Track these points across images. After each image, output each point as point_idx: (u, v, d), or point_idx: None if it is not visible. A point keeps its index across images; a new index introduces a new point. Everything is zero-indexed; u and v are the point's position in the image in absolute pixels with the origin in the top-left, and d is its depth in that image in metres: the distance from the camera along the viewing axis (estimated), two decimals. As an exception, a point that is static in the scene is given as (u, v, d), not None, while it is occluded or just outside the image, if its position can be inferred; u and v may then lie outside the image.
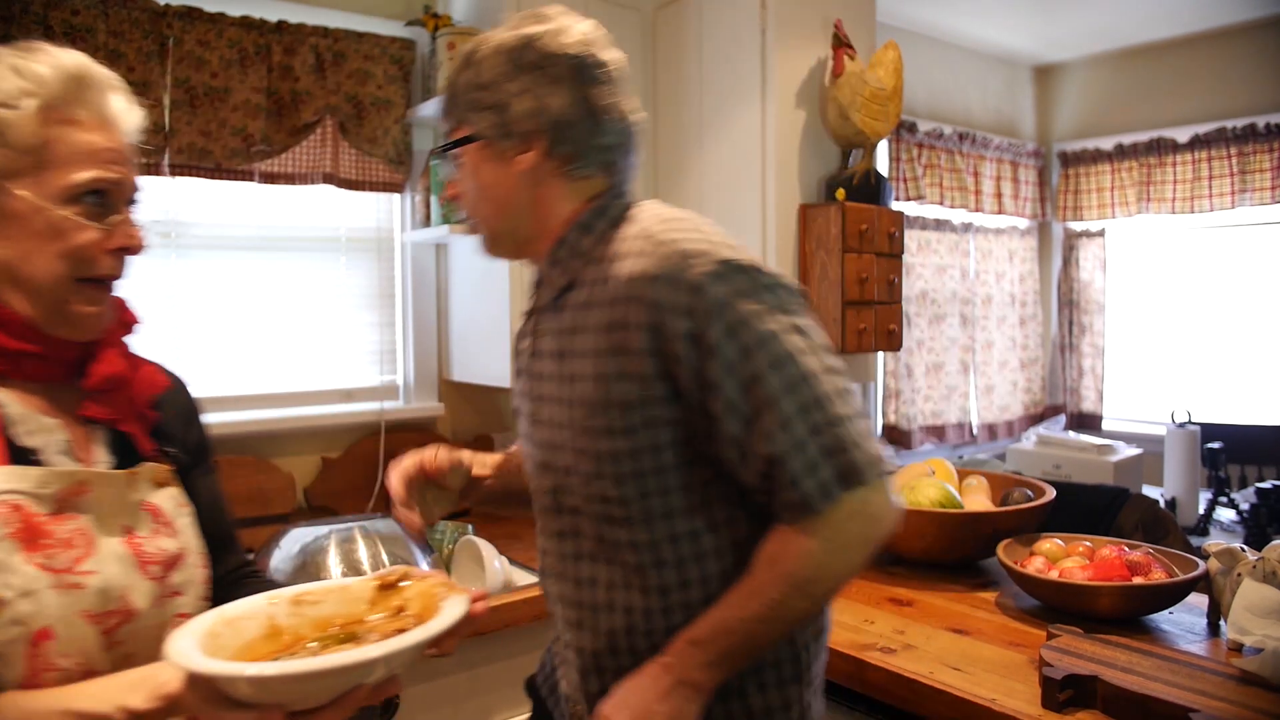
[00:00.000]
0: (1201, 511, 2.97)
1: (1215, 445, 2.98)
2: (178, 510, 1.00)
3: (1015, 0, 3.35)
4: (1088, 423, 4.11)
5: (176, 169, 2.06)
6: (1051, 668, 1.26)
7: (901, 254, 2.26)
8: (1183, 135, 3.72)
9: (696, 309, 0.94)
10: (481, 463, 1.28)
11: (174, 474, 1.02)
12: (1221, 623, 1.47)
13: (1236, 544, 1.48)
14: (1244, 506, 2.82)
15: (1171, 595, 1.52)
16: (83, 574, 0.87)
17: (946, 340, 3.80)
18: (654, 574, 1.01)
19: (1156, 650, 1.34)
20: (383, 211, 2.50)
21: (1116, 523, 2.29)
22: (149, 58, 1.99)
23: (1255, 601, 1.35)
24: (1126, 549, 1.63)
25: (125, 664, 0.88)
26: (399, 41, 2.35)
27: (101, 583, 0.88)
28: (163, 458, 1.01)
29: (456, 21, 2.33)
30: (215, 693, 0.76)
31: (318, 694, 0.77)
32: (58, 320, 0.91)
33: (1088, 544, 1.70)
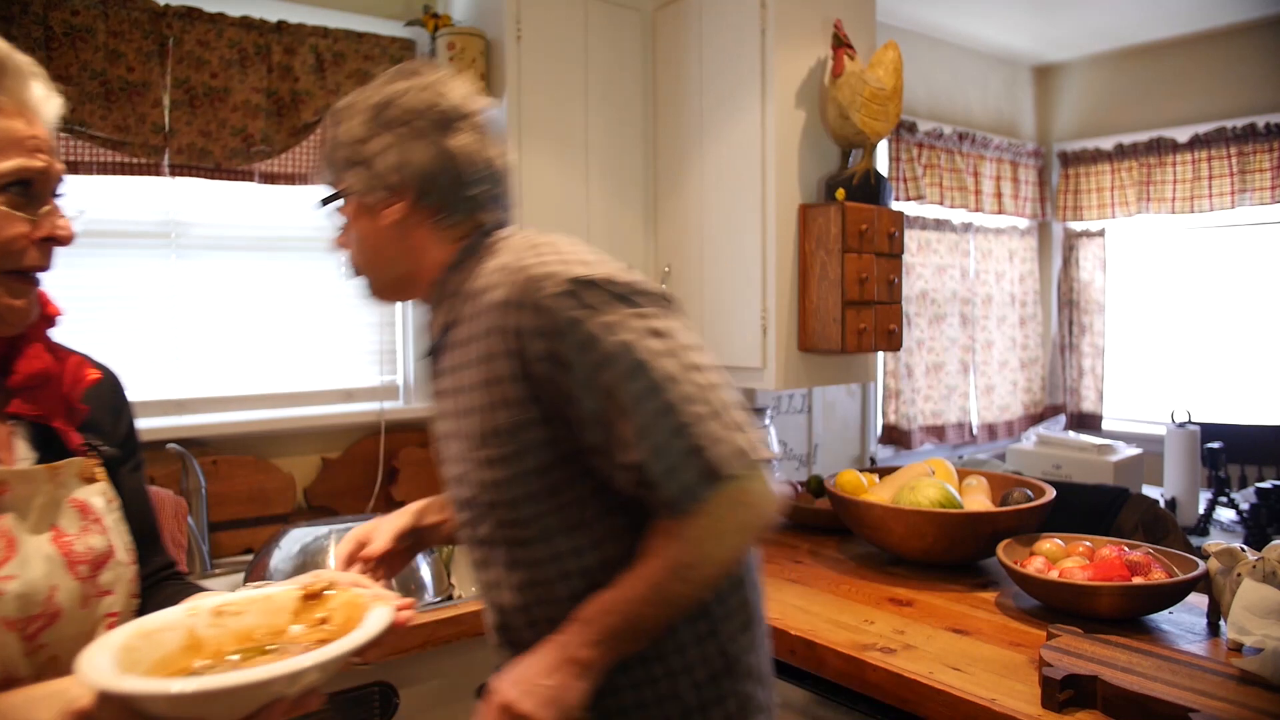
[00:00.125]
0: (1201, 511, 2.97)
1: (1215, 445, 2.98)
2: (107, 506, 0.97)
3: (1015, 0, 3.35)
4: (1088, 423, 4.11)
5: (176, 169, 2.06)
6: (1051, 668, 1.26)
7: (901, 254, 2.26)
8: (1182, 135, 3.72)
9: (549, 329, 0.98)
10: (436, 508, 1.30)
11: (102, 468, 0.98)
12: (1221, 623, 1.47)
13: (1236, 544, 1.48)
14: (1244, 506, 2.82)
15: (1171, 595, 1.52)
16: (1, 579, 0.84)
17: (946, 340, 3.80)
18: (563, 587, 1.06)
19: (1156, 650, 1.34)
20: (383, 211, 2.50)
21: (1116, 523, 2.29)
22: (149, 58, 1.99)
23: (1255, 601, 1.35)
24: (1126, 549, 1.63)
25: (49, 669, 0.86)
26: (399, 42, 2.35)
27: (21, 587, 0.85)
28: (90, 452, 0.97)
29: (456, 21, 2.33)
30: (128, 710, 0.73)
31: (234, 709, 0.75)
32: None
33: (1088, 544, 1.70)
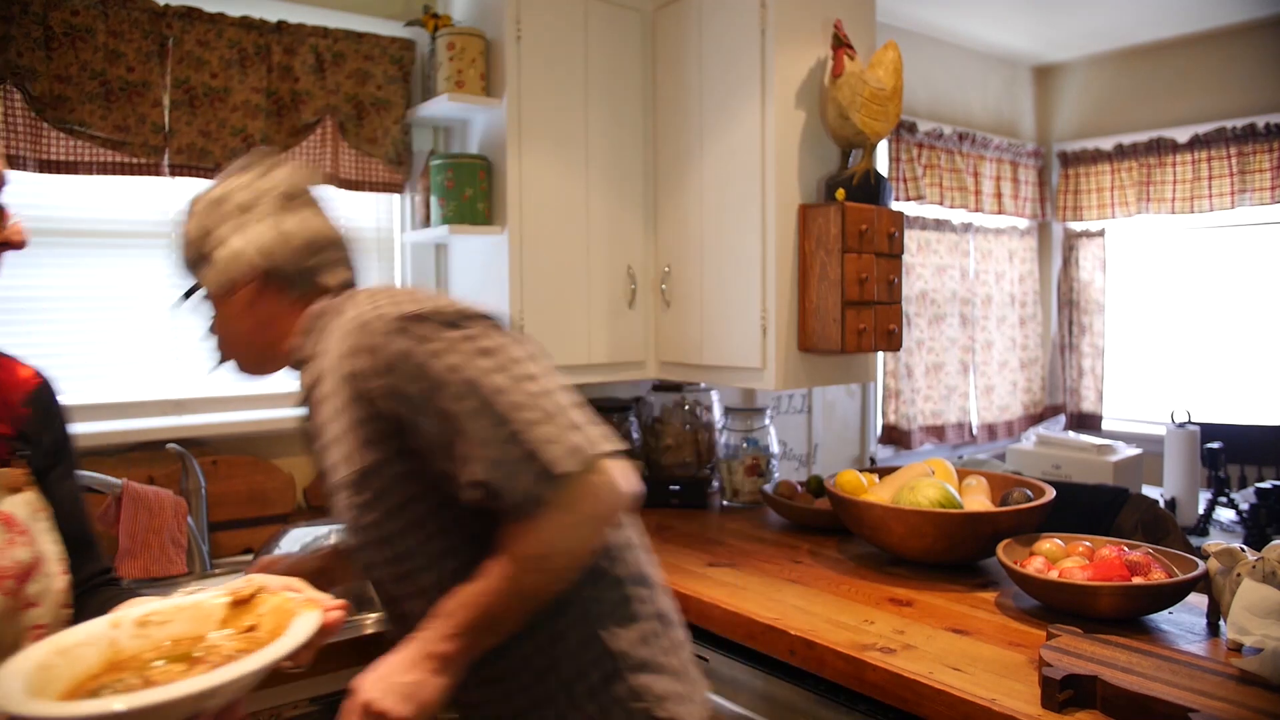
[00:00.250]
0: (1201, 511, 2.97)
1: (1215, 445, 2.98)
2: (34, 516, 0.95)
3: (1015, 0, 3.35)
4: (1087, 423, 4.11)
5: (176, 169, 2.06)
6: (1051, 668, 1.26)
7: (901, 254, 2.26)
8: (1182, 135, 3.72)
9: (384, 366, 1.03)
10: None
11: (29, 477, 0.96)
12: (1221, 623, 1.47)
13: (1236, 544, 1.48)
14: (1244, 506, 2.82)
15: (1171, 595, 1.52)
16: None
17: (946, 340, 3.80)
18: None
19: (1156, 650, 1.34)
20: (382, 212, 2.50)
21: (1116, 523, 2.29)
22: (149, 58, 1.99)
23: (1255, 601, 1.35)
24: (1126, 549, 1.63)
25: None
26: (399, 42, 2.35)
27: None
28: (17, 460, 0.95)
29: (456, 22, 2.33)
30: None
31: None
32: None
33: (1088, 544, 1.70)
